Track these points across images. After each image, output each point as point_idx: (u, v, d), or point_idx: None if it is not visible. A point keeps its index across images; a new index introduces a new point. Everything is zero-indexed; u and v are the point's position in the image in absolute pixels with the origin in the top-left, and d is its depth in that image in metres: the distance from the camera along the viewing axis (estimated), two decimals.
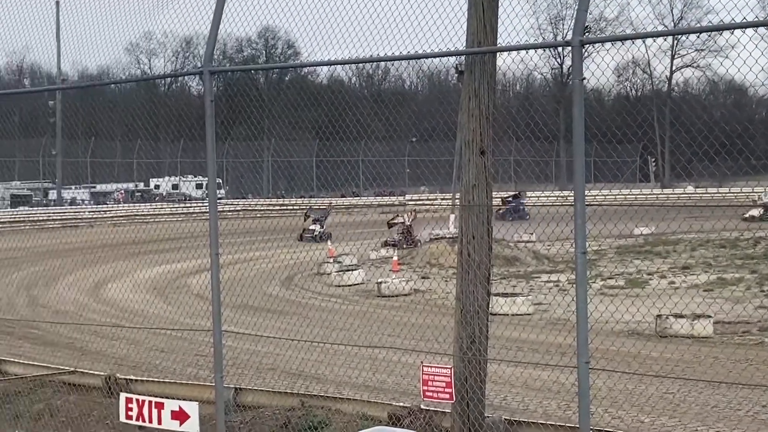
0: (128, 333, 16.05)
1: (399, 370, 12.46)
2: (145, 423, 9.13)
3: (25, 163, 58.74)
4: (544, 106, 62.47)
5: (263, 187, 56.64)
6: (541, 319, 17.31)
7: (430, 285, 22.87)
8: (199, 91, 65.99)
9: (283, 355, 13.48)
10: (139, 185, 62.24)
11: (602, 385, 10.16)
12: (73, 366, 12.11)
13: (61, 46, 37.09)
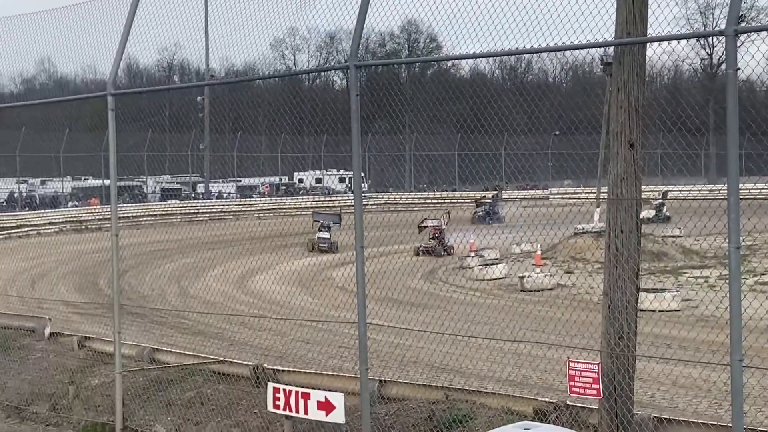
0: (274, 324, 16.32)
1: (543, 365, 12.35)
2: (292, 413, 9.26)
3: (175, 157, 60.38)
4: (695, 97, 60.85)
5: (405, 181, 56.88)
6: (691, 316, 16.88)
7: (574, 280, 22.57)
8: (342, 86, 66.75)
9: (426, 348, 13.50)
10: (283, 179, 63.28)
11: (756, 384, 9.84)
12: (222, 356, 12.39)
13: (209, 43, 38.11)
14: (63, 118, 54.44)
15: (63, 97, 19.79)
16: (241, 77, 34.15)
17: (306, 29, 71.22)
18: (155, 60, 69.50)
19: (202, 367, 11.59)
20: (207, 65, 50.65)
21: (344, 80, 68.14)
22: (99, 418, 11.67)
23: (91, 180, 58.25)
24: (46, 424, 12.11)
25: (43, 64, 64.70)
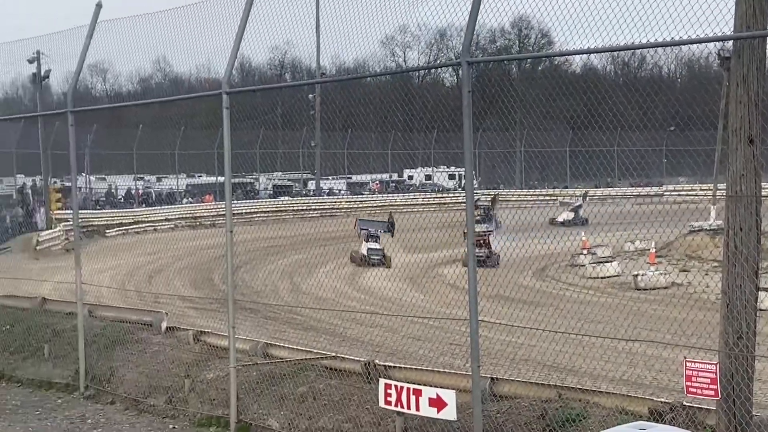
0: (385, 320, 16.40)
1: (658, 365, 12.14)
2: (404, 409, 9.30)
3: (287, 154, 61.14)
4: None
5: (516, 178, 56.55)
6: None
7: (690, 278, 22.10)
8: (452, 83, 66.63)
9: (538, 346, 13.41)
10: (393, 176, 63.53)
11: None
12: (334, 351, 12.49)
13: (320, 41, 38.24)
14: (178, 116, 55.67)
15: (179, 96, 20.20)
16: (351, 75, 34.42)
17: (416, 26, 71.34)
18: (267, 58, 70.40)
19: (315, 363, 11.69)
20: (318, 63, 51.16)
21: (454, 77, 68.10)
22: (214, 412, 11.89)
23: (205, 177, 59.36)
24: (163, 416, 12.39)
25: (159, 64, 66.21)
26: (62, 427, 12.19)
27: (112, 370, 13.74)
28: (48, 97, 51.55)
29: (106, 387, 13.59)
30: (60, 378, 14.45)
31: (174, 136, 55.91)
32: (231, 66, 11.71)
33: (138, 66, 73.15)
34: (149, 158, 59.39)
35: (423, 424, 9.54)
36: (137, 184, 58.75)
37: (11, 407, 13.41)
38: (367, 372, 10.93)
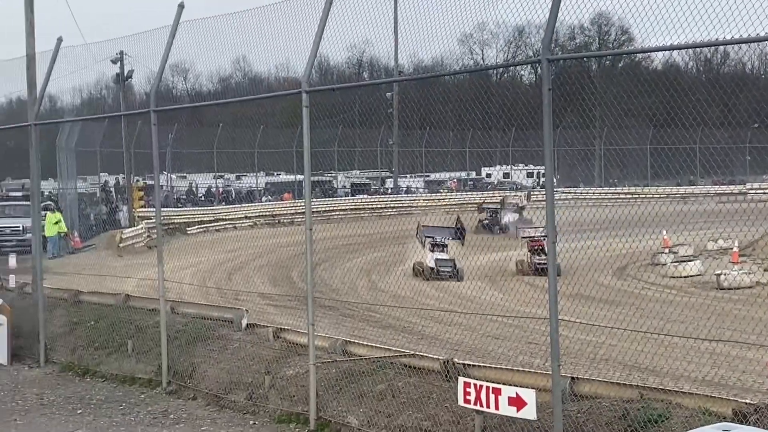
0: (463, 319, 16.35)
1: (742, 366, 11.93)
2: (483, 408, 9.28)
3: (364, 152, 61.34)
4: None
5: (595, 176, 55.99)
6: None
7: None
8: (530, 80, 66.23)
9: (617, 346, 13.26)
10: (470, 174, 63.37)
11: None
12: (412, 349, 12.50)
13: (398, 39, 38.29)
14: (257, 115, 56.15)
15: (259, 95, 20.35)
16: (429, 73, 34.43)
17: (494, 24, 70.97)
18: (345, 57, 70.69)
19: (393, 360, 11.71)
20: (396, 61, 51.14)
21: (533, 74, 67.69)
22: (293, 408, 11.98)
23: (284, 175, 59.82)
24: (244, 412, 12.52)
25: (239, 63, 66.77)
26: (145, 422, 12.40)
27: (194, 367, 13.93)
28: (131, 97, 52.45)
29: (188, 383, 13.78)
30: (143, 373, 14.70)
31: (253, 134, 56.43)
32: (310, 65, 11.79)
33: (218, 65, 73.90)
34: (229, 157, 60.04)
35: (502, 423, 9.51)
36: (217, 182, 59.43)
37: (96, 402, 13.68)
38: (445, 370, 10.92)
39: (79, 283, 20.55)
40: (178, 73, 79.98)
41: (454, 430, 9.98)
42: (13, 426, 12.47)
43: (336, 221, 37.82)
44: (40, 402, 13.80)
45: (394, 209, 47.67)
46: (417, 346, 13.50)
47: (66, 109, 41.61)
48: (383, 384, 11.21)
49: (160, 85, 15.23)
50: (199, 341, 14.40)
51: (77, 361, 16.00)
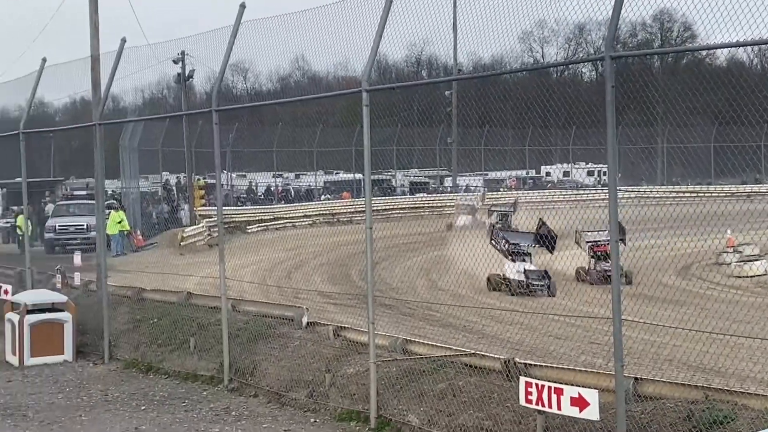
0: (523, 318, 16.26)
1: None
2: (545, 408, 9.22)
3: (423, 151, 61.28)
4: None
5: (657, 174, 55.38)
6: None
7: None
8: (591, 78, 65.66)
9: (681, 346, 13.08)
10: (530, 172, 63.02)
11: None
12: (472, 348, 12.46)
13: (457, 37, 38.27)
14: (316, 114, 56.36)
15: (318, 94, 20.42)
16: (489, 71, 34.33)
17: (554, 21, 70.42)
18: (404, 56, 70.72)
19: (454, 359, 11.69)
20: (455, 60, 50.98)
21: (593, 72, 67.10)
22: (354, 406, 12.01)
23: (342, 174, 59.97)
24: (305, 410, 12.58)
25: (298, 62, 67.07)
26: (207, 419, 12.51)
27: (255, 364, 14.02)
28: (191, 97, 52.93)
29: (249, 380, 13.88)
30: (205, 370, 14.83)
31: (312, 133, 56.64)
32: (371, 64, 11.81)
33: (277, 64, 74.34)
34: (288, 155, 60.34)
35: (564, 423, 9.45)
36: (276, 181, 59.74)
37: (159, 398, 13.83)
38: (507, 370, 10.87)
39: (142, 280, 20.79)
40: (237, 72, 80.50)
41: (515, 429, 9.93)
42: (78, 422, 12.65)
43: (395, 220, 37.85)
44: (104, 398, 13.98)
45: (453, 208, 47.49)
46: (477, 346, 13.44)
47: (128, 108, 42.15)
48: (444, 383, 11.19)
49: (221, 84, 15.35)
50: (260, 339, 14.50)
51: (140, 358, 16.19)
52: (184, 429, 12.03)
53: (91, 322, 17.56)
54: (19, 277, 20.73)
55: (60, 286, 19.36)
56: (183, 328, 15.92)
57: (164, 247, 36.71)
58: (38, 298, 17.46)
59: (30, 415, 13.07)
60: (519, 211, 25.44)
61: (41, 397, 14.16)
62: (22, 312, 16.67)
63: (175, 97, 56.38)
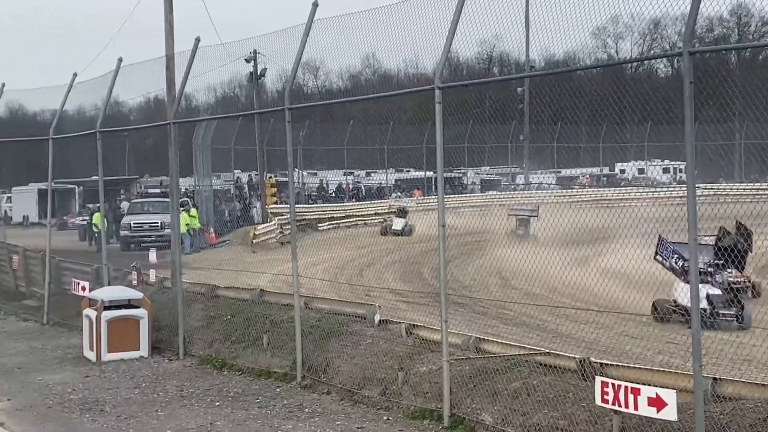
0: (597, 317, 16.09)
1: None
2: (621, 408, 9.11)
3: (494, 148, 60.97)
4: None
5: (735, 171, 54.47)
6: None
7: None
8: (667, 74, 64.79)
9: (760, 346, 12.82)
10: (604, 170, 62.40)
11: None
12: (546, 347, 12.35)
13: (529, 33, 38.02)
14: (387, 111, 56.42)
15: (391, 92, 20.40)
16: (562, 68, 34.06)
17: (629, 16, 69.42)
18: (475, 53, 70.36)
19: (528, 358, 11.60)
20: (527, 56, 50.71)
21: (669, 68, 66.23)
22: (427, 405, 11.98)
23: (413, 172, 59.94)
24: (377, 408, 12.58)
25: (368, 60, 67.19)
26: (281, 416, 12.57)
27: (328, 361, 14.06)
28: (263, 95, 53.32)
29: (322, 377, 13.92)
30: (278, 367, 14.91)
31: (383, 131, 56.69)
32: (443, 61, 11.77)
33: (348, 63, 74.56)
34: (359, 153, 60.49)
35: (641, 423, 9.33)
36: (347, 178, 59.92)
37: (233, 394, 13.94)
38: (582, 369, 10.75)
39: (215, 278, 20.98)
40: (309, 70, 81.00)
41: (591, 430, 9.82)
42: (154, 417, 12.80)
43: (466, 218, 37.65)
44: (180, 394, 14.13)
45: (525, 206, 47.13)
46: (551, 344, 13.33)
47: (201, 107, 42.66)
48: (518, 382, 11.11)
49: (293, 82, 15.41)
50: (332, 336, 14.53)
51: (215, 355, 16.34)
52: (258, 425, 12.10)
53: (166, 318, 17.77)
54: (95, 273, 21.05)
55: (136, 283, 19.60)
56: (256, 325, 16.02)
57: (237, 244, 37.03)
58: (115, 294, 17.69)
59: (107, 409, 13.26)
60: (542, 215, 23.24)
61: (118, 392, 14.36)
62: (100, 308, 16.92)
63: (246, 95, 56.90)
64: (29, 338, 19.80)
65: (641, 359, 12.76)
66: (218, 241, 38.80)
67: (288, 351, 14.85)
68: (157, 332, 17.61)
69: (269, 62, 39.12)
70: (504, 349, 12.21)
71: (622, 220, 21.62)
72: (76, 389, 14.64)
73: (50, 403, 13.79)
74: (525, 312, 18.34)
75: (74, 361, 17.08)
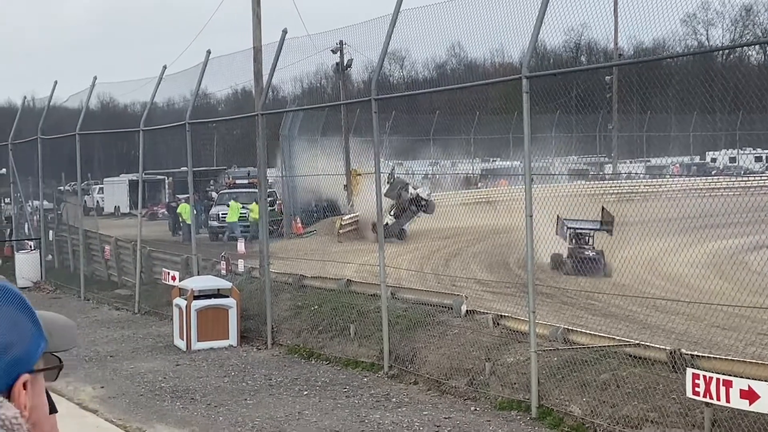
0: (686, 308, 15.85)
1: None
2: (712, 400, 8.98)
3: (582, 137, 60.34)
4: None
5: None
6: None
7: None
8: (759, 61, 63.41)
9: None
10: (694, 159, 61.37)
11: None
12: (635, 339, 12.21)
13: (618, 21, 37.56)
14: (472, 101, 56.18)
15: (477, 82, 20.32)
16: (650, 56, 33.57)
17: (720, 2, 68.36)
18: (562, 41, 69.62)
19: (617, 350, 11.49)
20: (615, 44, 50.13)
21: (761, 55, 64.83)
22: (515, 396, 11.94)
23: (499, 161, 59.65)
24: (465, 398, 12.58)
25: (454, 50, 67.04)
26: (368, 405, 12.64)
27: (414, 351, 14.09)
28: (349, 86, 53.51)
29: (409, 367, 13.96)
30: (365, 357, 14.99)
31: (469, 121, 56.48)
32: (531, 50, 11.71)
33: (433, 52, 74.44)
34: (444, 143, 60.37)
35: (733, 416, 9.18)
36: (433, 169, 59.83)
37: (321, 384, 14.06)
38: (672, 361, 10.61)
39: (302, 267, 21.14)
40: (394, 61, 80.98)
41: (681, 422, 9.70)
42: (243, 405, 12.98)
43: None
44: (268, 382, 14.30)
45: (613, 195, 46.63)
46: (640, 336, 13.16)
47: (287, 98, 42.91)
48: (607, 373, 11.01)
49: (380, 73, 15.46)
50: (419, 327, 14.56)
51: (302, 344, 16.49)
52: (346, 414, 12.19)
53: (254, 308, 17.98)
54: (185, 263, 21.39)
55: (224, 273, 19.86)
56: (343, 314, 16.13)
57: (322, 234, 37.24)
58: (204, 284, 17.96)
59: (197, 397, 13.49)
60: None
61: (208, 380, 14.59)
62: (189, 297, 17.18)
63: (333, 86, 57.12)
64: (121, 327, 20.21)
65: (732, 351, 12.53)
66: (304, 231, 39.06)
67: (375, 341, 14.92)
68: (246, 321, 17.83)
69: (355, 53, 39.26)
70: (592, 340, 12.10)
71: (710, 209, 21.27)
72: (167, 377, 14.91)
73: (142, 391, 14.06)
74: (613, 303, 18.13)
75: (165, 349, 17.39)
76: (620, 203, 37.71)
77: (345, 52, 49.06)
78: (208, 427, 11.90)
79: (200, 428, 11.88)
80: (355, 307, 16.15)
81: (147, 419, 12.42)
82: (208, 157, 61.91)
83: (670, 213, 26.82)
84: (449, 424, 11.50)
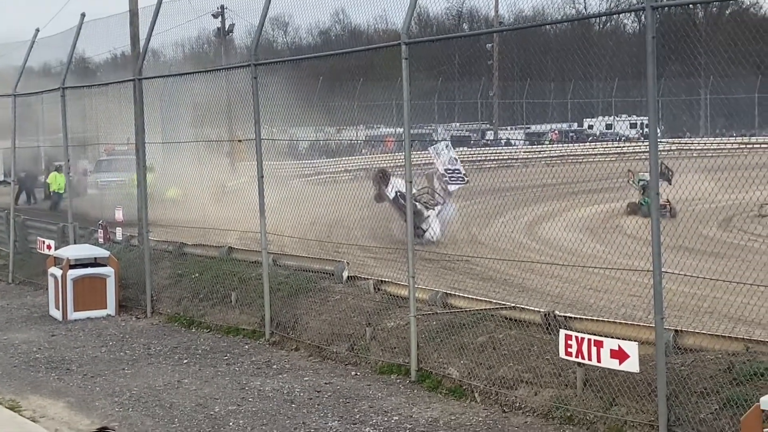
0: (562, 271, 16.21)
1: None
2: (584, 360, 9.23)
3: (464, 104, 60.98)
4: None
5: (700, 126, 54.80)
6: None
7: None
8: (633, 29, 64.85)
9: (722, 298, 12.97)
10: (572, 125, 62.60)
11: None
12: (512, 302, 12.46)
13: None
14: (356, 68, 56.15)
15: (358, 48, 20.34)
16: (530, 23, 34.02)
17: None
18: (444, 8, 70.17)
19: (494, 313, 11.70)
20: (496, 12, 50.60)
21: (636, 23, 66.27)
22: (395, 360, 12.08)
23: (383, 128, 59.82)
24: (346, 363, 12.67)
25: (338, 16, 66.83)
26: (249, 372, 12.63)
27: (296, 318, 14.12)
28: (231, 51, 52.88)
29: (291, 334, 13.99)
30: (246, 324, 14.96)
31: (352, 87, 56.46)
32: (410, 17, 11.73)
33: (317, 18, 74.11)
34: (328, 110, 60.26)
35: (604, 375, 9.45)
36: (317, 135, 59.65)
37: (201, 352, 13.98)
38: (546, 323, 10.87)
39: (182, 235, 20.90)
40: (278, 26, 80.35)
41: (555, 382, 9.95)
42: (121, 375, 12.82)
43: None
44: (147, 352, 14.15)
45: (494, 161, 47.23)
46: (517, 299, 13.44)
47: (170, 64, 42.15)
48: (484, 336, 11.22)
49: (261, 38, 15.34)
50: (300, 293, 14.57)
51: (182, 312, 16.35)
52: (227, 382, 12.15)
53: (133, 276, 17.74)
54: (61, 232, 20.95)
55: (102, 241, 19.51)
56: (224, 282, 16.04)
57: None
58: (81, 252, 17.62)
59: (74, 368, 13.27)
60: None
61: (85, 350, 14.37)
62: (65, 267, 16.86)
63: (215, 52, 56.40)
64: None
65: (605, 312, 12.90)
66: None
67: (256, 308, 14.89)
68: (125, 291, 17.59)
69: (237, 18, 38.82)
70: (470, 304, 12.30)
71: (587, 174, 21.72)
72: (42, 348, 14.64)
73: (15, 362, 13.78)
74: (492, 267, 18.44)
75: (40, 320, 17.05)
76: (499, 169, 38.26)
77: (227, 17, 48.55)
78: (84, 397, 11.73)
79: (76, 399, 11.69)
80: (237, 275, 16.08)
81: (20, 390, 12.18)
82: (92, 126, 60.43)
83: (546, 179, 27.33)
84: (330, 389, 11.58)
